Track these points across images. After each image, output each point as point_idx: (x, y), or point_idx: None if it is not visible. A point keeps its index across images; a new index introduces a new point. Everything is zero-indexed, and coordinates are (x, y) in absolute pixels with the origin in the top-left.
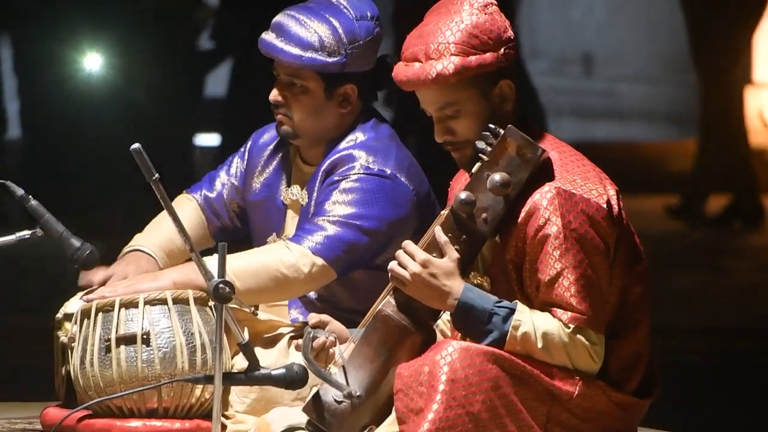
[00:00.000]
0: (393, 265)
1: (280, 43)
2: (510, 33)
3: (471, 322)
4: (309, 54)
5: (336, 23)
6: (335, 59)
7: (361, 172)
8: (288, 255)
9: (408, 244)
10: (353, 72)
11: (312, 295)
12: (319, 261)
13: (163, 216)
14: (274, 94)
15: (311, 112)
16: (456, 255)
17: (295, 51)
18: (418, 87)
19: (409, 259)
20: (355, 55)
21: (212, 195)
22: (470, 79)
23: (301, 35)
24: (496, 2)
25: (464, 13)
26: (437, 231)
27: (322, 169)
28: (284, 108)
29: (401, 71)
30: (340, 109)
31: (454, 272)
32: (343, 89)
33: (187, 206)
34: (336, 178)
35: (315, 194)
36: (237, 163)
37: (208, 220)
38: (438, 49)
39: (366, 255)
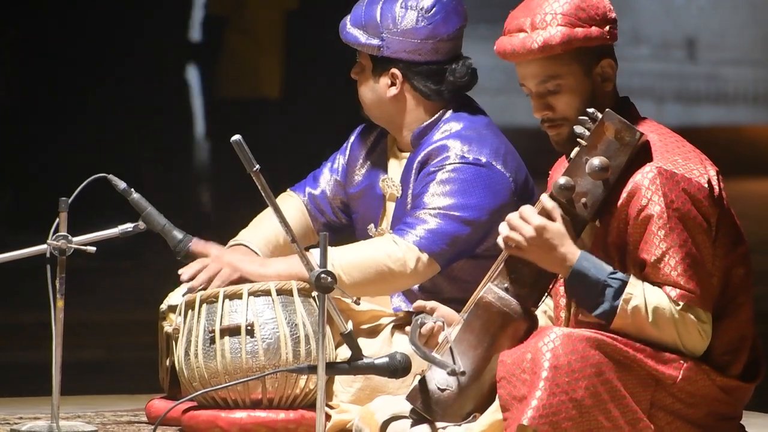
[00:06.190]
0: (505, 230)
1: (346, 20)
2: (614, 15)
3: (583, 292)
4: (352, 31)
5: (381, 7)
6: (372, 41)
7: (457, 161)
8: (395, 249)
9: (526, 208)
10: (398, 58)
11: (414, 286)
12: (425, 256)
13: (267, 212)
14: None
15: (366, 90)
16: (562, 219)
17: (347, 27)
18: (522, 57)
19: (524, 224)
20: (393, 42)
21: (316, 192)
22: (574, 53)
23: (355, 13)
24: None
25: None
26: (544, 198)
27: (417, 159)
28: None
29: (505, 42)
30: (388, 92)
31: (567, 235)
32: (389, 73)
33: (289, 202)
34: (432, 169)
35: (411, 185)
36: (339, 159)
37: (312, 218)
38: (545, 18)
39: (468, 245)
